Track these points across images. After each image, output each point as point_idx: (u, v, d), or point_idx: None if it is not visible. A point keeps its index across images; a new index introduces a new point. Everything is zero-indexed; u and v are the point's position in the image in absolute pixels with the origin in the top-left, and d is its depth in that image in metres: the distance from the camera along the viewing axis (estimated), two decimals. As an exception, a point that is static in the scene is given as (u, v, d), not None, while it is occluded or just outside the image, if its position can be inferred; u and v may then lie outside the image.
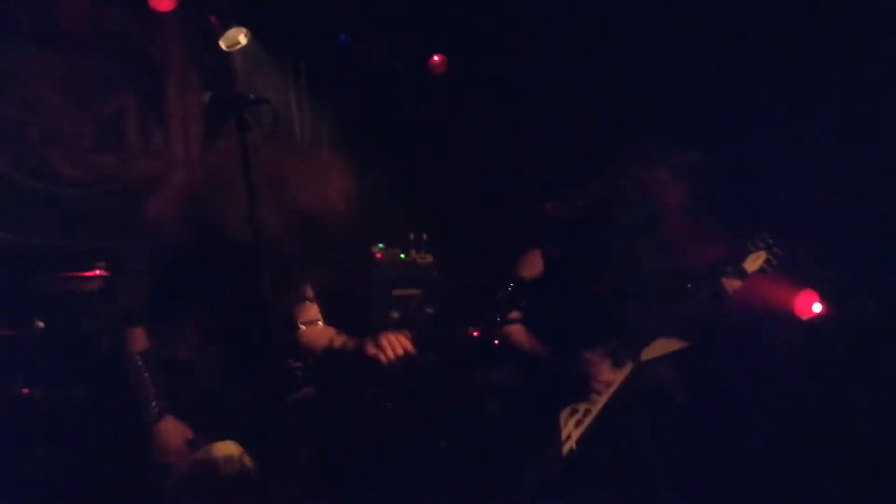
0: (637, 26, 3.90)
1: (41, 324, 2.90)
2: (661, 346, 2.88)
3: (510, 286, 3.05)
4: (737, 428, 3.25)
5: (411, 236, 4.32)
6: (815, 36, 3.41)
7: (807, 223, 3.26)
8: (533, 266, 3.06)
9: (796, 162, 3.46)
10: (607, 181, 3.03)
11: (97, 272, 2.96)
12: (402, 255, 4.22)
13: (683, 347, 2.96)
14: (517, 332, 2.93)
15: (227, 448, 2.62)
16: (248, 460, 2.64)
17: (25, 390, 2.84)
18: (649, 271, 2.84)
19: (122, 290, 2.33)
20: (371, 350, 2.11)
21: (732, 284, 2.78)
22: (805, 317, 3.40)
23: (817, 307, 3.38)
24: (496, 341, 3.76)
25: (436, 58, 4.80)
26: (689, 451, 2.98)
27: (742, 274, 2.78)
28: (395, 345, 2.06)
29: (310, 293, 2.37)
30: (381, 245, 4.21)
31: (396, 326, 4.07)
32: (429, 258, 4.24)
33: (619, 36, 3.98)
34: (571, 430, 2.74)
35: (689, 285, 2.80)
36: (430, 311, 4.10)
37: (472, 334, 4.09)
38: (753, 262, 2.78)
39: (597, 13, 4.04)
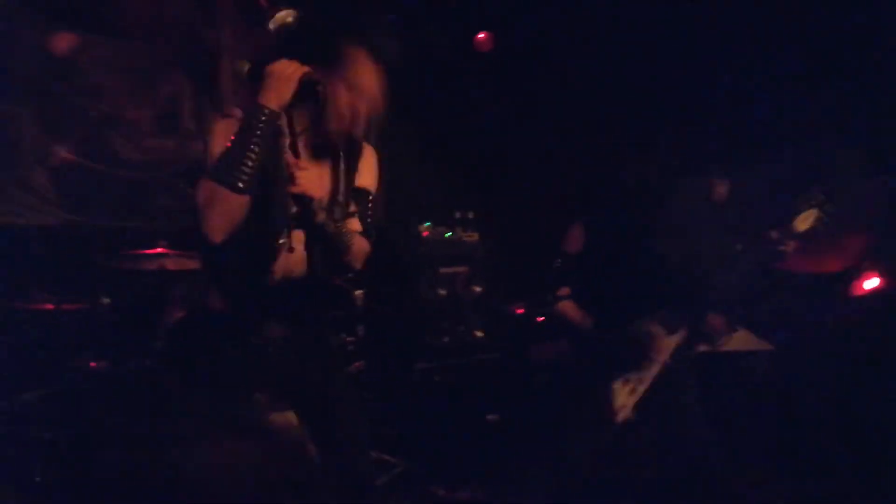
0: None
1: (107, 300, 3.03)
2: (743, 341, 2.88)
3: (557, 263, 3.07)
4: (786, 403, 3.20)
5: (457, 214, 4.35)
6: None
7: (861, 194, 3.17)
8: (578, 240, 3.07)
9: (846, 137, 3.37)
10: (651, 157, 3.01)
11: (159, 250, 3.07)
12: (449, 234, 4.25)
13: (765, 348, 2.95)
14: (568, 307, 2.96)
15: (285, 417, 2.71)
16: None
17: (93, 363, 2.98)
18: (696, 236, 2.81)
19: None
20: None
21: (784, 245, 2.71)
22: (858, 293, 3.29)
23: (873, 282, 3.27)
24: (541, 318, 3.80)
25: (481, 35, 4.78)
26: (738, 421, 2.97)
27: (792, 234, 2.68)
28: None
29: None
30: (427, 223, 4.25)
31: (443, 303, 4.14)
32: (475, 236, 4.27)
33: (674, 18, 3.91)
34: (626, 399, 2.75)
35: (738, 247, 2.76)
36: (476, 288, 4.14)
37: (517, 312, 4.14)
38: (804, 221, 2.66)
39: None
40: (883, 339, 3.21)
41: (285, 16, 4.12)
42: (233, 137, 1.88)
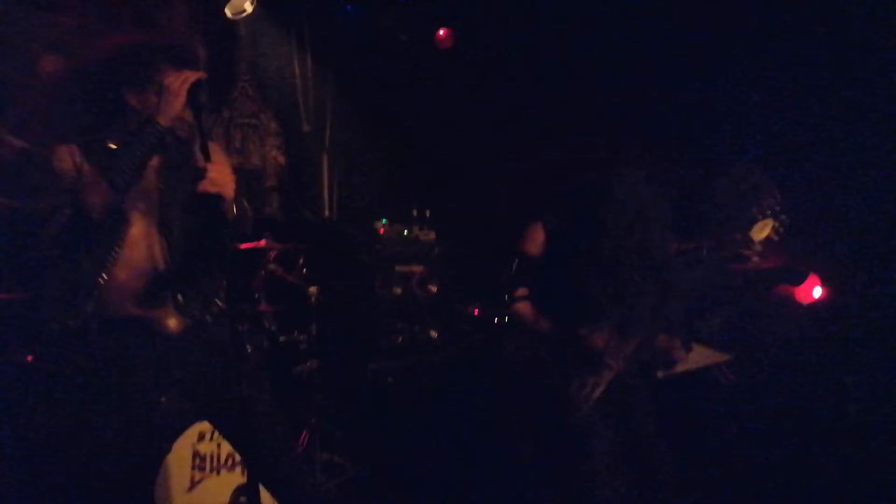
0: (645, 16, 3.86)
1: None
2: (702, 358, 2.89)
3: (514, 263, 3.05)
4: (735, 411, 3.26)
5: (414, 212, 4.31)
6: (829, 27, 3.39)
7: (810, 207, 3.25)
8: (536, 241, 3.04)
9: (798, 147, 3.45)
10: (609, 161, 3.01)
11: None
12: (405, 232, 4.21)
13: (723, 360, 2.98)
14: (525, 308, 2.93)
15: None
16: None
17: (30, 357, 2.83)
18: (654, 243, 2.83)
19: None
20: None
21: (745, 251, 2.76)
22: (805, 301, 3.38)
23: (818, 292, 3.36)
24: (496, 318, 3.79)
25: (441, 32, 4.74)
26: (690, 429, 3.01)
27: (749, 242, 2.74)
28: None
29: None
30: (384, 220, 4.20)
31: (398, 302, 4.10)
32: (431, 234, 4.24)
33: (627, 15, 3.94)
34: (580, 402, 2.75)
35: (696, 255, 2.79)
36: (432, 287, 4.10)
37: (472, 312, 4.12)
38: (761, 231, 2.73)
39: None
40: (833, 347, 3.31)
41: (242, 1, 4.00)
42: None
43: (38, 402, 2.67)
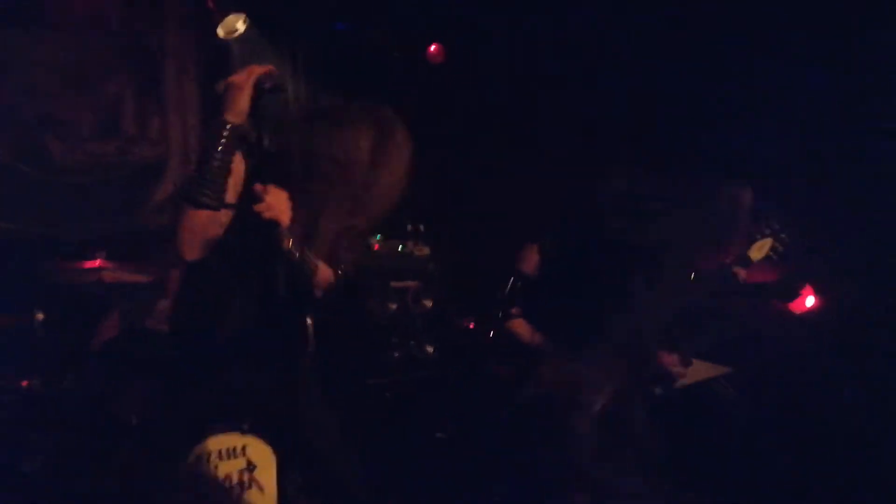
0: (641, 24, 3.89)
1: (41, 315, 2.89)
2: (701, 372, 2.90)
3: (511, 280, 3.07)
4: (731, 422, 3.27)
5: (409, 228, 4.32)
6: (815, 34, 3.42)
7: (802, 216, 3.27)
8: (532, 260, 3.07)
9: (792, 156, 3.48)
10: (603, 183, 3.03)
11: (97, 263, 2.95)
12: (400, 247, 4.22)
13: (722, 373, 2.98)
14: (519, 325, 2.95)
15: (227, 441, 2.64)
16: (251, 452, 2.68)
17: (25, 382, 2.83)
18: (649, 265, 2.84)
19: None
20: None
21: (738, 273, 2.77)
22: (798, 311, 3.41)
23: (811, 301, 3.39)
24: (491, 334, 3.80)
25: (433, 47, 4.77)
26: (685, 444, 3.01)
27: (746, 262, 2.75)
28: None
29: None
30: (378, 236, 4.21)
31: (393, 318, 4.11)
32: (426, 250, 4.25)
33: (622, 32, 3.97)
34: (576, 422, 2.76)
35: (691, 276, 2.80)
36: (427, 303, 4.11)
37: (467, 326, 4.13)
38: (759, 250, 2.74)
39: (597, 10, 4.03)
40: (829, 355, 3.33)
41: (234, 20, 4.02)
42: (197, 156, 1.91)
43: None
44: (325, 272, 2.07)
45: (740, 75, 3.58)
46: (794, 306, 3.44)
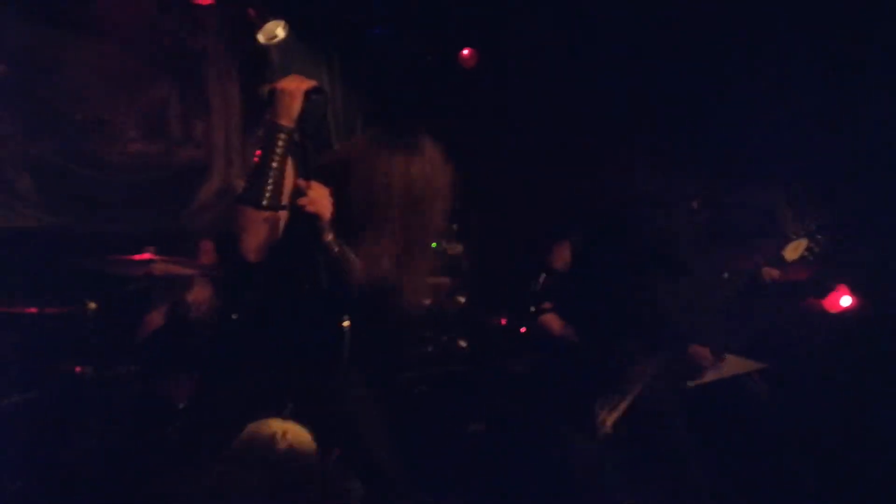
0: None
1: (93, 304, 3.02)
2: (734, 367, 2.91)
3: (542, 276, 3.12)
4: (764, 423, 3.27)
5: (442, 226, 4.38)
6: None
7: (837, 215, 3.24)
8: (563, 257, 3.11)
9: (825, 154, 3.46)
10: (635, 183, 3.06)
11: (146, 256, 3.07)
12: (434, 244, 4.29)
13: (755, 368, 2.98)
14: (551, 320, 2.99)
15: (272, 426, 2.73)
16: (291, 438, 2.76)
17: (78, 368, 2.96)
18: (682, 262, 2.86)
19: None
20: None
21: (771, 273, 2.78)
22: (833, 311, 3.37)
23: (846, 301, 3.35)
24: (523, 329, 3.85)
25: (466, 51, 4.86)
26: (720, 442, 3.02)
27: (781, 262, 2.74)
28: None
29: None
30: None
31: (427, 314, 4.18)
32: (459, 248, 4.31)
33: (652, 32, 4.01)
34: (606, 416, 2.80)
35: (725, 274, 2.82)
36: (460, 299, 4.18)
37: (500, 322, 4.19)
38: (794, 251, 2.72)
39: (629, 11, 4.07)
40: (861, 355, 3.30)
41: (274, 27, 4.14)
42: (255, 159, 1.97)
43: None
44: (361, 271, 2.13)
45: (775, 72, 3.58)
46: (829, 306, 3.41)
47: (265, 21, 4.06)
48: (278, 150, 1.96)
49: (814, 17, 3.44)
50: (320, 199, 1.97)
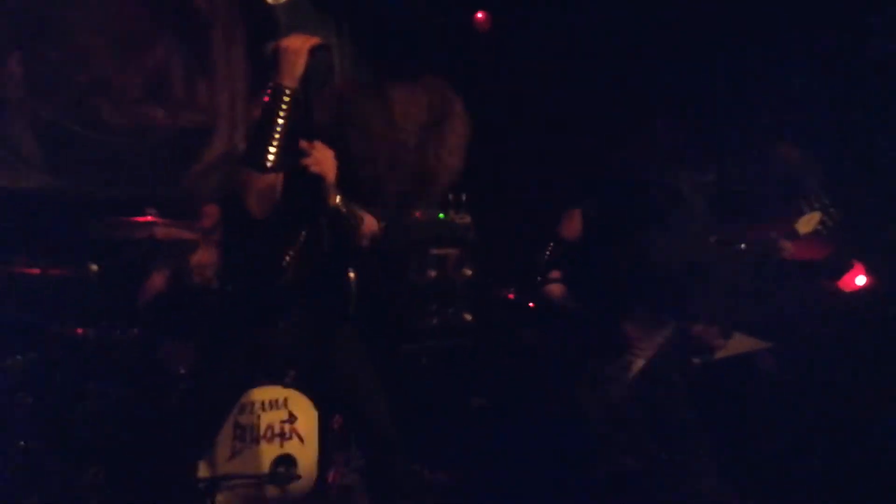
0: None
1: (95, 267, 2.99)
2: (742, 345, 2.87)
3: (550, 246, 3.07)
4: (771, 402, 3.23)
5: (450, 196, 4.32)
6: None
7: (852, 194, 3.18)
8: (573, 227, 3.06)
9: (839, 126, 3.39)
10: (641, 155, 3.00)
11: (149, 218, 3.03)
12: (441, 215, 4.22)
13: (760, 347, 2.94)
14: (557, 290, 2.95)
15: (270, 393, 2.72)
16: (292, 405, 2.75)
17: (79, 330, 2.94)
18: (692, 233, 2.80)
19: None
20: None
21: (784, 246, 2.72)
22: (848, 289, 3.31)
23: (861, 280, 3.29)
24: (531, 304, 3.80)
25: (480, 15, 4.75)
26: (727, 420, 2.98)
27: (794, 235, 2.68)
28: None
29: None
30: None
31: (433, 285, 4.13)
32: (467, 218, 4.24)
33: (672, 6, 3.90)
34: (610, 388, 2.76)
35: (742, 245, 2.76)
36: (467, 271, 4.12)
37: (507, 296, 4.14)
38: (807, 224, 2.65)
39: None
40: (876, 336, 3.25)
41: (282, -13, 4.07)
42: (257, 119, 1.93)
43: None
44: (370, 224, 2.10)
45: (787, 57, 3.50)
46: (844, 284, 3.35)
47: (273, -18, 3.98)
48: (281, 112, 1.92)
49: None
50: (325, 159, 1.94)
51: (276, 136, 1.91)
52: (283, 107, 1.92)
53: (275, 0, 4.13)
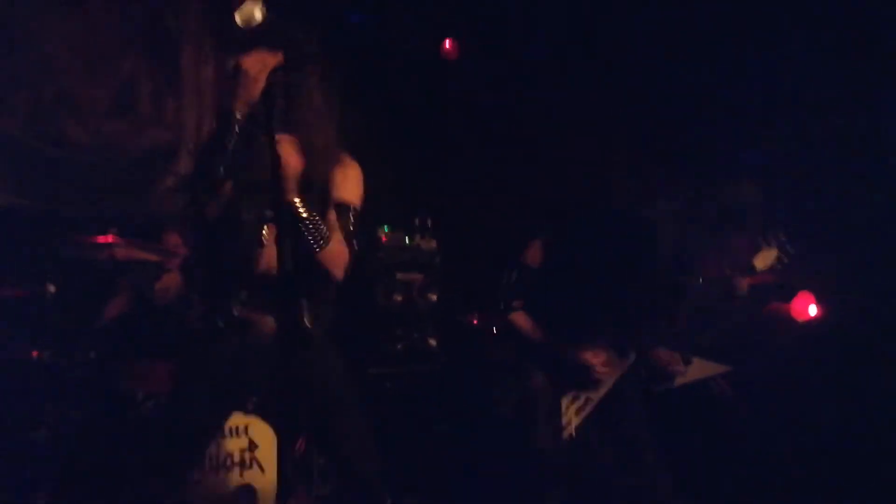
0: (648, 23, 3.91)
1: (52, 287, 2.93)
2: (700, 370, 2.92)
3: (514, 273, 3.10)
4: (731, 428, 3.29)
5: (416, 221, 4.35)
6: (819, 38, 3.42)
7: (805, 224, 3.28)
8: (536, 254, 3.09)
9: (794, 163, 3.49)
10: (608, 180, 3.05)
11: (109, 238, 2.98)
12: (407, 239, 4.25)
13: (721, 371, 2.99)
14: (520, 318, 2.97)
15: (231, 419, 2.68)
16: (253, 432, 2.71)
17: (35, 353, 2.87)
18: (651, 265, 2.86)
19: None
20: None
21: (741, 281, 2.80)
22: (801, 319, 3.41)
23: (813, 310, 3.39)
24: (495, 329, 3.83)
25: (447, 42, 4.80)
26: (685, 446, 3.03)
27: (751, 271, 2.78)
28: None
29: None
30: (386, 228, 4.24)
31: (399, 310, 4.14)
32: (433, 243, 4.27)
33: (633, 30, 3.99)
34: (572, 417, 2.79)
35: (694, 280, 2.83)
36: (432, 296, 4.14)
37: (471, 321, 4.17)
38: (764, 260, 2.76)
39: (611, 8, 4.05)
40: (829, 361, 3.34)
41: (252, 7, 4.05)
42: (207, 141, 1.96)
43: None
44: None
45: (746, 78, 3.60)
46: (797, 314, 3.44)
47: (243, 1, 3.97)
48: (229, 138, 1.90)
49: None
50: (287, 155, 1.92)
51: (220, 160, 1.91)
52: (230, 134, 1.91)
53: (244, 21, 4.11)
